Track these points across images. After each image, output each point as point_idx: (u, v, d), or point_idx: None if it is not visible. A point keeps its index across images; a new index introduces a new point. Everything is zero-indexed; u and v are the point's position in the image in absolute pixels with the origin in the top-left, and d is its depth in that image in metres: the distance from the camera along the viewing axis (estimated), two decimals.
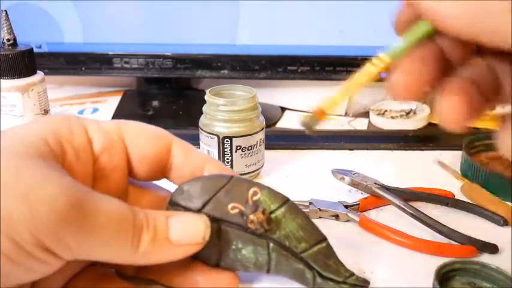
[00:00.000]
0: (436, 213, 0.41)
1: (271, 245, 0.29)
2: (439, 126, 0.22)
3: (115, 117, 0.65)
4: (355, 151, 0.55)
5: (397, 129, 0.61)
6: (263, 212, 0.28)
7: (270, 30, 0.64)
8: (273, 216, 0.29)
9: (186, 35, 0.65)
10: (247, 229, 0.29)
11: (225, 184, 0.29)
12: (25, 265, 0.23)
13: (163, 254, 0.27)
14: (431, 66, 0.22)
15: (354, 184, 0.44)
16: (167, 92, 0.73)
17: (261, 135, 0.46)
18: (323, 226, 0.30)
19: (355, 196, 0.44)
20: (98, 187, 0.29)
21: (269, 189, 0.29)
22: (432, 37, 0.22)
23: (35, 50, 0.47)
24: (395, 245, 0.37)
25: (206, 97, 0.45)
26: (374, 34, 0.62)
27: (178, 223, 0.27)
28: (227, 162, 0.45)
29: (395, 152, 0.54)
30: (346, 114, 0.67)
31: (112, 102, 0.71)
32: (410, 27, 0.22)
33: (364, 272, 0.34)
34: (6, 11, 0.46)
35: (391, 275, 0.34)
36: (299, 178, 0.48)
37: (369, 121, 0.65)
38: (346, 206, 0.41)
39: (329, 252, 0.30)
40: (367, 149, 0.55)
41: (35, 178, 0.23)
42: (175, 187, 0.30)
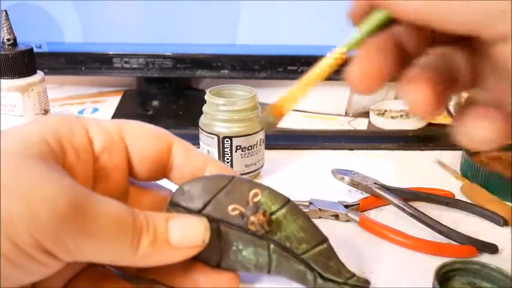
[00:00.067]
0: (436, 213, 0.41)
1: (271, 246, 0.29)
2: (438, 125, 0.22)
3: (115, 117, 0.65)
4: (355, 151, 0.55)
5: (397, 129, 0.61)
6: (264, 214, 0.28)
7: (270, 30, 0.64)
8: (274, 217, 0.29)
9: (186, 35, 0.65)
10: (247, 230, 0.29)
11: (226, 185, 0.29)
12: (25, 267, 0.22)
13: (162, 257, 0.26)
14: (388, 55, 0.21)
15: (354, 184, 0.44)
16: (167, 92, 0.73)
17: (261, 135, 0.46)
18: (323, 226, 0.30)
19: (355, 196, 0.44)
20: (98, 187, 0.29)
21: (270, 190, 0.29)
22: (388, 26, 0.22)
23: (35, 50, 0.47)
24: (395, 245, 0.37)
25: (206, 97, 0.45)
26: None
27: (178, 226, 0.27)
28: (227, 162, 0.45)
29: (395, 152, 0.54)
30: (346, 114, 0.67)
31: (112, 102, 0.71)
32: (365, 17, 0.22)
33: (363, 272, 0.34)
34: (6, 11, 0.46)
35: (391, 275, 0.34)
36: (299, 178, 0.48)
37: (369, 121, 0.65)
38: (346, 206, 0.41)
39: (330, 253, 0.30)
40: (367, 149, 0.55)
41: (35, 179, 0.23)
42: (175, 187, 0.30)
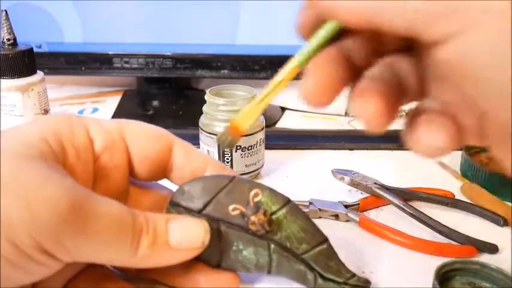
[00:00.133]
0: (436, 213, 0.41)
1: (272, 246, 0.29)
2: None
3: (115, 117, 0.65)
4: (355, 151, 0.55)
5: (397, 129, 0.61)
6: (264, 213, 0.28)
7: (270, 30, 0.64)
8: (274, 217, 0.29)
9: (186, 35, 0.65)
10: (248, 230, 0.29)
11: (226, 185, 0.29)
12: (24, 267, 0.22)
13: (162, 258, 0.26)
14: (339, 68, 0.21)
15: (354, 184, 0.44)
16: (167, 92, 0.73)
17: (261, 135, 0.46)
18: (323, 226, 0.30)
19: (355, 196, 0.44)
20: (99, 187, 0.29)
21: (270, 190, 0.29)
22: (337, 39, 0.22)
23: (35, 50, 0.47)
24: (395, 245, 0.37)
25: (206, 97, 0.45)
26: None
27: (178, 227, 0.27)
28: (227, 162, 0.45)
29: (395, 152, 0.54)
30: (346, 114, 0.67)
31: (112, 102, 0.71)
32: (314, 30, 0.22)
33: (363, 272, 0.34)
34: (6, 11, 0.46)
35: (391, 275, 0.34)
36: (299, 178, 0.48)
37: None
38: (346, 206, 0.41)
39: (330, 253, 0.30)
40: (367, 149, 0.55)
41: (36, 180, 0.22)
42: (176, 188, 0.30)
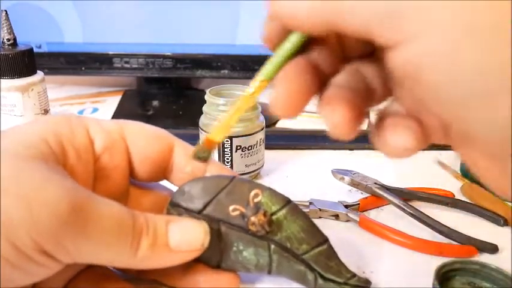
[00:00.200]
0: (436, 213, 0.41)
1: (272, 247, 0.29)
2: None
3: (115, 117, 0.65)
4: (355, 151, 0.55)
5: None
6: (264, 214, 0.28)
7: None
8: (274, 218, 0.29)
9: (186, 35, 0.65)
10: (248, 231, 0.29)
11: (226, 185, 0.29)
12: (25, 268, 0.22)
13: (161, 259, 0.26)
14: (307, 78, 0.21)
15: (354, 184, 0.44)
16: (167, 92, 0.73)
17: (261, 135, 0.46)
18: (323, 226, 0.30)
19: (355, 196, 0.44)
20: (99, 187, 0.29)
21: (270, 190, 0.29)
22: (304, 49, 0.22)
23: (35, 50, 0.47)
24: (395, 245, 0.37)
25: (206, 97, 0.45)
26: None
27: (177, 229, 0.27)
28: (227, 162, 0.45)
29: None
30: None
31: (112, 102, 0.71)
32: (280, 41, 0.22)
33: (364, 272, 0.34)
34: (6, 11, 0.46)
35: (391, 275, 0.34)
36: (299, 178, 0.48)
37: (369, 121, 0.64)
38: (346, 206, 0.41)
39: (330, 253, 0.30)
40: (367, 149, 0.55)
41: (36, 181, 0.22)
42: (175, 189, 0.30)
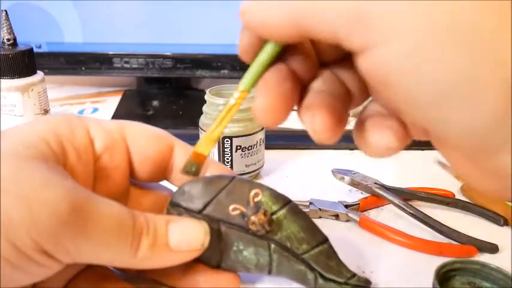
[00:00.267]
0: (436, 213, 0.41)
1: (272, 246, 0.29)
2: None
3: (115, 117, 0.65)
4: (355, 151, 0.55)
5: None
6: (264, 214, 0.28)
7: None
8: (275, 217, 0.29)
9: (186, 35, 0.65)
10: (248, 230, 0.29)
11: (226, 185, 0.29)
12: (25, 268, 0.22)
13: (161, 260, 0.26)
14: (287, 85, 0.21)
15: (354, 184, 0.44)
16: (167, 92, 0.73)
17: (261, 135, 0.46)
18: (323, 226, 0.30)
19: (355, 196, 0.44)
20: (99, 187, 0.29)
21: (270, 190, 0.29)
22: (280, 57, 0.22)
23: (35, 50, 0.47)
24: (395, 245, 0.37)
25: (206, 97, 0.45)
26: None
27: (177, 229, 0.27)
28: (227, 162, 0.45)
29: None
30: None
31: (112, 102, 0.71)
32: (256, 51, 0.22)
33: (364, 272, 0.34)
34: (6, 11, 0.46)
35: (391, 275, 0.34)
36: (299, 178, 0.48)
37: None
38: (346, 206, 0.41)
39: (330, 253, 0.30)
40: None
41: (36, 181, 0.22)
42: (175, 189, 0.30)
